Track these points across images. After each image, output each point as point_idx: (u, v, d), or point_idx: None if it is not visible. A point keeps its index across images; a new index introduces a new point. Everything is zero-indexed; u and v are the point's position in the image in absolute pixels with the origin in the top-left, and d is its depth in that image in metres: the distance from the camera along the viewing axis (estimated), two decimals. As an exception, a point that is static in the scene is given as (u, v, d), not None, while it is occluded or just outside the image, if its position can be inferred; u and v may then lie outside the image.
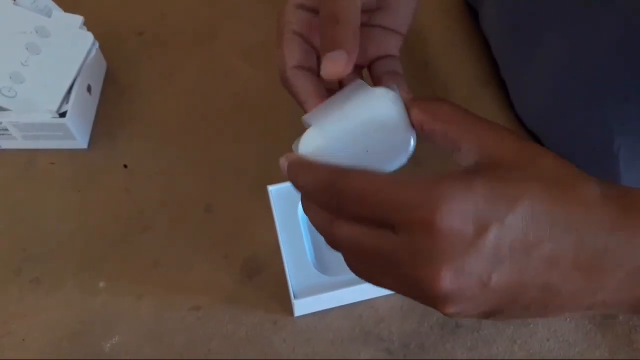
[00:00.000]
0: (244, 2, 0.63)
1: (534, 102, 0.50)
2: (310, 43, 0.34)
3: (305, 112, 0.33)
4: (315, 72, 0.34)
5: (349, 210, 0.26)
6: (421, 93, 0.56)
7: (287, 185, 0.46)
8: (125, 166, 0.53)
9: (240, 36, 0.61)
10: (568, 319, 0.45)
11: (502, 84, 0.56)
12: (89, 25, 0.55)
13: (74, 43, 0.53)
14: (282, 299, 0.45)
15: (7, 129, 0.51)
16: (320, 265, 0.45)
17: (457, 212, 0.22)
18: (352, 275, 0.42)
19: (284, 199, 0.46)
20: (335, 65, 0.29)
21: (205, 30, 0.62)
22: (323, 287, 0.42)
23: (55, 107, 0.50)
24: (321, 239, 0.46)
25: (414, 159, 0.31)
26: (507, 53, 0.53)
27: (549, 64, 0.46)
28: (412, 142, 0.29)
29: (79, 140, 0.52)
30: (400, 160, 0.30)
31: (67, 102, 0.51)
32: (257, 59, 0.59)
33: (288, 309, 0.45)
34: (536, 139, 0.50)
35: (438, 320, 0.45)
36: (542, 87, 0.48)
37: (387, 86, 0.30)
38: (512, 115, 0.54)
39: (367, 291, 0.45)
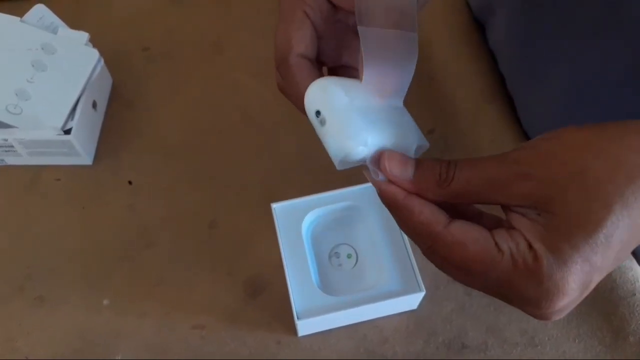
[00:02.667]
0: (249, 18, 0.63)
1: (541, 120, 0.50)
2: (319, 35, 0.32)
3: (300, 107, 0.31)
4: (315, 64, 0.32)
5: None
6: (426, 109, 0.56)
7: (291, 202, 0.46)
8: (129, 182, 0.53)
9: (246, 52, 0.61)
10: (576, 341, 0.44)
11: (508, 99, 0.56)
12: (94, 41, 0.55)
13: (79, 60, 0.53)
14: (285, 319, 0.45)
15: (12, 146, 0.51)
16: (324, 284, 0.44)
17: (576, 286, 0.24)
18: (356, 295, 0.42)
19: (287, 217, 0.46)
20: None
21: (210, 46, 0.62)
22: (327, 307, 0.42)
23: (60, 124, 0.50)
24: (325, 257, 0.46)
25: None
26: (515, 69, 0.53)
27: (558, 83, 0.46)
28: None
29: (84, 156, 0.53)
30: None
31: (72, 119, 0.51)
32: (262, 74, 0.59)
33: (291, 328, 0.45)
34: None
35: (444, 340, 0.45)
36: (550, 106, 0.48)
37: None
38: (519, 132, 0.54)
39: (372, 311, 0.44)
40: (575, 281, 0.23)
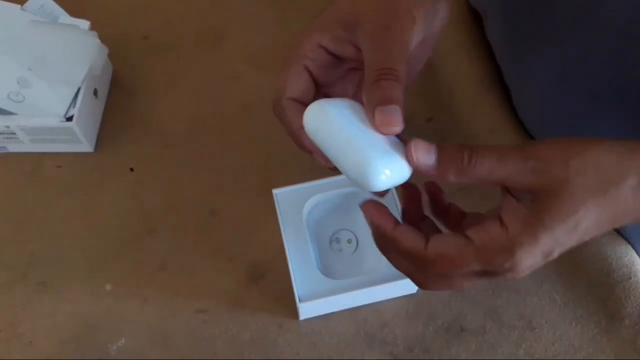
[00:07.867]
0: (249, 8, 0.64)
1: (533, 109, 0.51)
2: (316, 82, 0.35)
3: (295, 142, 0.35)
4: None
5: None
6: (424, 97, 0.57)
7: (292, 188, 0.47)
8: (131, 169, 0.53)
9: (246, 41, 0.61)
10: (573, 324, 0.45)
11: (506, 88, 0.56)
12: (95, 29, 0.55)
13: (81, 48, 0.53)
14: (287, 303, 0.45)
15: (14, 133, 0.51)
16: (325, 268, 0.45)
17: (531, 262, 0.28)
18: (356, 279, 0.43)
19: (288, 203, 0.46)
20: (391, 119, 0.30)
21: (210, 35, 0.62)
22: (328, 290, 0.42)
23: (62, 111, 0.50)
24: (326, 242, 0.47)
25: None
26: (508, 61, 0.54)
27: (547, 74, 0.47)
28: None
29: (86, 143, 0.53)
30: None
31: (74, 106, 0.51)
32: (262, 63, 0.59)
33: (293, 312, 0.45)
34: None
35: (443, 324, 0.45)
36: (540, 96, 0.49)
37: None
38: (515, 121, 0.54)
39: (371, 295, 0.45)
40: (540, 247, 0.27)
